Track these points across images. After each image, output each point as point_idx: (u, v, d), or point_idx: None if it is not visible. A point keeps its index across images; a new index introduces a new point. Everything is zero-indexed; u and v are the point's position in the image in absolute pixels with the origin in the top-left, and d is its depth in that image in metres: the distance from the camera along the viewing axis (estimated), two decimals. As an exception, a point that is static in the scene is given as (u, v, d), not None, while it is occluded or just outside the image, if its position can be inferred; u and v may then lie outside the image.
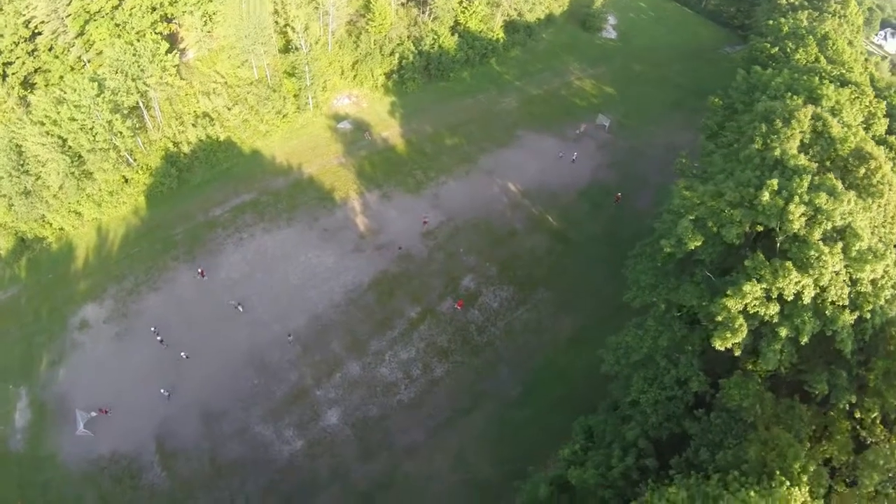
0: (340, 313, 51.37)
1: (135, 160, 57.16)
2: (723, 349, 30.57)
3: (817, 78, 49.48)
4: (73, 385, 48.02)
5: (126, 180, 57.04)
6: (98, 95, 50.89)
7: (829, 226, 29.63)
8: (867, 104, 47.33)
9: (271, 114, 61.32)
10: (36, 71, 58.03)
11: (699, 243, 33.26)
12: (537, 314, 49.75)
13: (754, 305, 29.32)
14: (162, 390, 45.98)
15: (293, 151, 62.34)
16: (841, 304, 29.94)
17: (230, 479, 43.34)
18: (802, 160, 34.23)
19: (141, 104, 55.66)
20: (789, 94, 45.50)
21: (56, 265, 55.37)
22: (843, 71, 54.82)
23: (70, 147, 52.50)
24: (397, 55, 65.33)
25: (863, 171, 34.53)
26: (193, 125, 58.77)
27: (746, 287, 29.10)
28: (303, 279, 53.22)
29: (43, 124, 50.12)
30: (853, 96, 47.08)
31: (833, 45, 63.80)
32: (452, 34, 67.85)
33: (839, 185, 31.78)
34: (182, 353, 47.94)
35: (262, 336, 49.84)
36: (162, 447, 44.79)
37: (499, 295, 51.88)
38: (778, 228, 31.11)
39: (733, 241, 32.49)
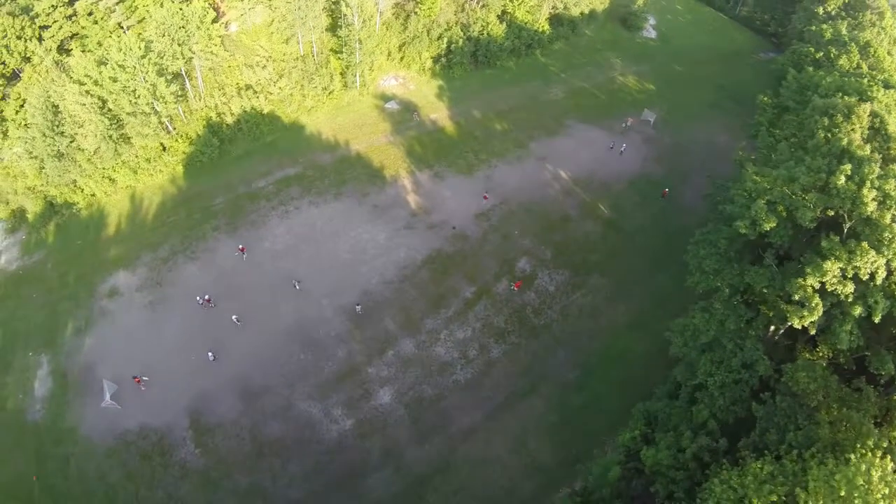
0: (393, 290, 48.33)
1: (174, 129, 54.36)
2: (777, 338, 32.40)
3: (866, 80, 50.53)
4: (99, 354, 44.31)
5: (164, 148, 54.24)
6: (144, 56, 48.35)
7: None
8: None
9: (317, 90, 59.37)
10: (72, 37, 55.57)
11: (773, 225, 33.72)
12: (593, 299, 47.82)
13: (832, 283, 30.05)
14: (209, 353, 42.56)
15: (339, 128, 60.11)
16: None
17: (272, 460, 39.65)
18: (867, 150, 35.39)
19: (183, 72, 53.13)
20: (840, 93, 45.90)
21: (85, 231, 51.99)
22: (886, 76, 55.04)
23: (110, 109, 49.71)
24: (445, 40, 63.93)
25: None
26: (237, 96, 56.05)
27: (827, 265, 29.81)
28: (353, 254, 50.42)
29: (83, 84, 47.23)
30: (899, 99, 47.23)
31: (874, 52, 65.24)
32: (500, 22, 66.52)
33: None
34: (234, 317, 45.03)
35: (309, 310, 46.64)
36: (196, 423, 40.85)
37: (555, 278, 49.69)
38: (847, 213, 32.38)
39: (807, 224, 33.15)
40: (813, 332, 31.21)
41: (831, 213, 33.18)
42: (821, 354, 33.29)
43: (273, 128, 58.48)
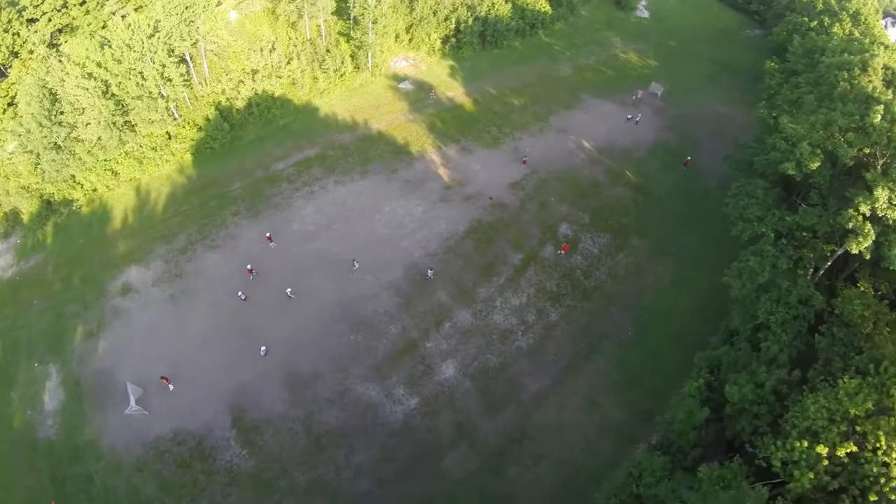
0: (439, 262, 44.31)
1: (180, 115, 49.31)
2: (818, 279, 35.10)
3: (867, 41, 53.71)
4: (117, 357, 38.49)
5: (170, 136, 48.80)
6: (152, 36, 43.58)
7: None
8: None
9: (329, 72, 55.55)
10: (61, 30, 50.30)
11: (818, 164, 35.38)
12: (636, 259, 46.40)
13: (882, 209, 31.57)
14: (262, 348, 37.71)
15: (355, 109, 56.29)
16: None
17: (332, 451, 34.58)
18: (890, 95, 37.26)
19: (188, 57, 48.44)
20: (846, 54, 47.15)
21: (88, 229, 46.07)
22: (881, 40, 56.37)
23: (113, 94, 44.46)
24: (453, 20, 61.18)
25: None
26: (245, 81, 51.72)
27: (878, 192, 31.39)
28: (391, 229, 46.43)
29: (84, 66, 42.05)
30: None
31: (865, 20, 67.47)
32: (506, 2, 64.42)
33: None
34: (288, 290, 40.76)
35: (353, 289, 41.95)
36: (240, 420, 35.24)
37: (597, 241, 47.61)
38: (881, 150, 34.29)
39: (847, 162, 34.98)
40: (868, 256, 32.35)
41: (867, 150, 34.94)
42: (863, 290, 34.13)
43: (285, 111, 54.20)
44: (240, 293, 40.25)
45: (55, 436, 35.53)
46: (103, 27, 47.78)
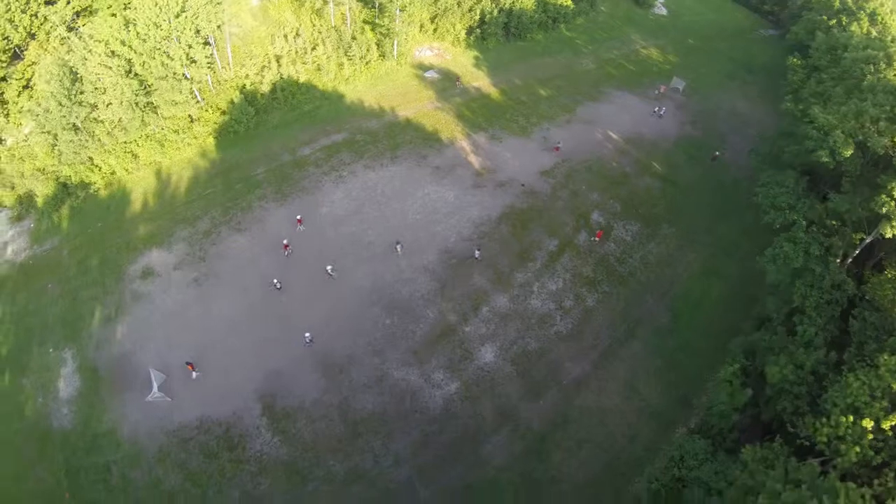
0: (475, 247, 41.13)
1: (203, 99, 47.12)
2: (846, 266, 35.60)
3: (889, 38, 53.93)
4: (137, 342, 35.71)
5: (192, 119, 46.53)
6: (179, 15, 41.61)
7: None
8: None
9: (355, 59, 53.53)
10: (79, 14, 48.31)
11: (851, 151, 35.93)
12: (667, 248, 45.02)
13: None
14: (306, 335, 35.06)
15: (382, 96, 54.40)
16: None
17: (370, 438, 31.96)
18: None
19: (212, 40, 46.44)
20: (868, 49, 47.27)
21: (105, 213, 43.57)
22: None
23: (136, 74, 42.31)
24: (477, 11, 59.71)
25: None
26: (269, 66, 49.83)
27: None
28: (424, 214, 44.29)
29: (108, 44, 39.98)
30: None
31: (882, 19, 67.06)
32: (528, -5, 63.37)
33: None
34: (328, 268, 38.67)
35: (387, 273, 39.45)
36: (271, 407, 32.47)
37: (629, 229, 46.10)
38: None
39: (879, 151, 35.42)
40: None
41: None
42: (890, 276, 34.39)
43: (310, 97, 52.25)
44: (275, 281, 37.61)
45: (70, 424, 32.62)
46: (125, 8, 45.79)
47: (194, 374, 34.13)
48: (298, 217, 41.76)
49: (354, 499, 29.60)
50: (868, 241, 36.42)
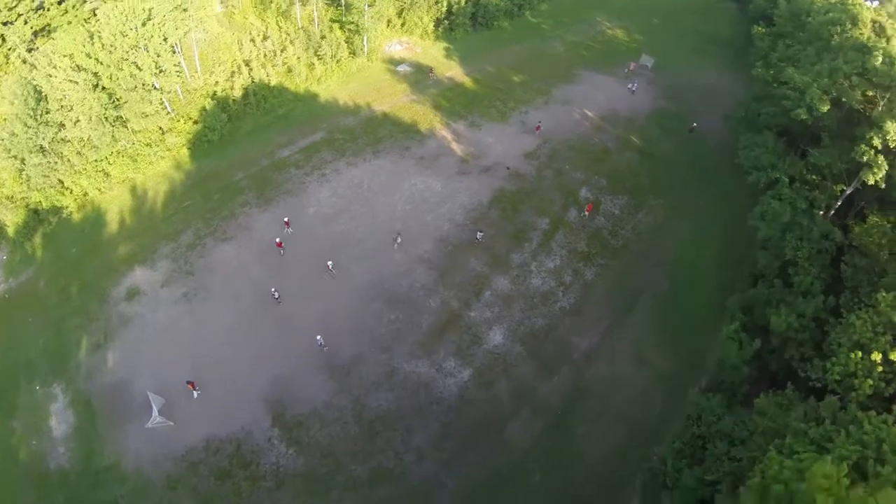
0: (468, 232, 41.10)
1: (173, 109, 44.77)
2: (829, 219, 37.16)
3: (850, 1, 54.91)
4: (131, 367, 33.43)
5: (163, 131, 44.10)
6: (146, 23, 39.32)
7: None
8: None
9: (326, 58, 51.90)
10: (36, 33, 45.26)
11: (827, 107, 36.59)
12: (655, 218, 45.03)
13: (893, 140, 32.87)
14: (318, 338, 33.34)
15: (355, 93, 52.80)
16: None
17: (389, 436, 30.61)
18: (883, 43, 38.77)
19: (178, 49, 44.11)
20: (830, 13, 48.25)
21: (81, 237, 40.93)
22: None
23: (104, 88, 39.82)
24: (444, 3, 58.79)
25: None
26: (239, 72, 47.75)
27: (887, 125, 32.79)
28: (413, 204, 42.95)
29: (73, 57, 37.51)
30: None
31: None
32: (493, -17, 62.50)
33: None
34: (329, 263, 37.22)
35: (384, 267, 37.96)
36: (281, 418, 30.75)
37: (617, 203, 45.89)
38: (882, 91, 35.73)
39: (854, 105, 36.25)
40: (883, 185, 33.98)
41: (870, 93, 36.54)
42: (873, 222, 35.16)
43: (283, 100, 50.29)
44: (273, 291, 35.57)
45: (69, 463, 30.18)
46: (87, 21, 43.09)
47: (195, 393, 32.07)
48: (286, 220, 39.85)
49: (382, 501, 28.06)
50: (848, 192, 37.66)
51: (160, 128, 44.66)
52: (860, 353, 25.73)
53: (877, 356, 25.38)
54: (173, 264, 38.56)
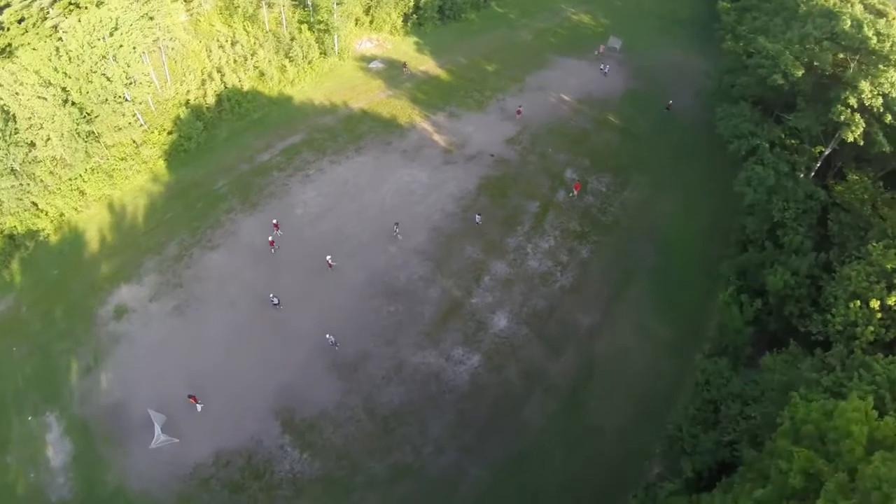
0: (460, 220, 40.50)
1: (146, 121, 42.97)
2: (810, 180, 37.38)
3: None
4: (127, 387, 31.99)
5: (137, 144, 42.28)
6: (114, 32, 37.52)
7: (889, 43, 34.87)
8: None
9: (297, 59, 50.49)
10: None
11: (801, 72, 36.60)
12: (641, 193, 45.25)
13: (868, 98, 33.29)
14: (329, 337, 32.31)
15: (330, 92, 51.64)
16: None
17: (405, 431, 29.94)
18: (848, 8, 39.63)
19: (146, 59, 42.29)
20: None
21: (60, 259, 38.92)
22: None
23: (73, 103, 37.95)
24: (411, -2, 57.86)
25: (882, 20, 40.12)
26: (211, 78, 46.13)
27: (862, 85, 33.36)
28: (401, 197, 42.23)
29: (39, 72, 35.59)
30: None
31: None
32: (457, -25, 61.89)
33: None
34: (328, 258, 36.45)
35: (378, 262, 37.03)
36: (290, 423, 29.76)
37: (602, 181, 45.93)
38: (852, 54, 36.30)
39: (827, 69, 36.64)
40: (861, 142, 34.23)
41: (840, 56, 36.95)
42: (853, 180, 36.14)
43: (257, 104, 48.79)
44: (272, 297, 34.29)
45: (71, 493, 28.67)
46: (49, 37, 40.84)
47: (199, 406, 30.69)
48: (274, 221, 38.61)
49: (405, 498, 27.27)
50: (826, 153, 38.28)
51: (134, 141, 42.77)
52: (858, 303, 26.25)
53: (875, 304, 25.89)
54: (161, 278, 36.95)
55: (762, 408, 24.73)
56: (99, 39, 36.68)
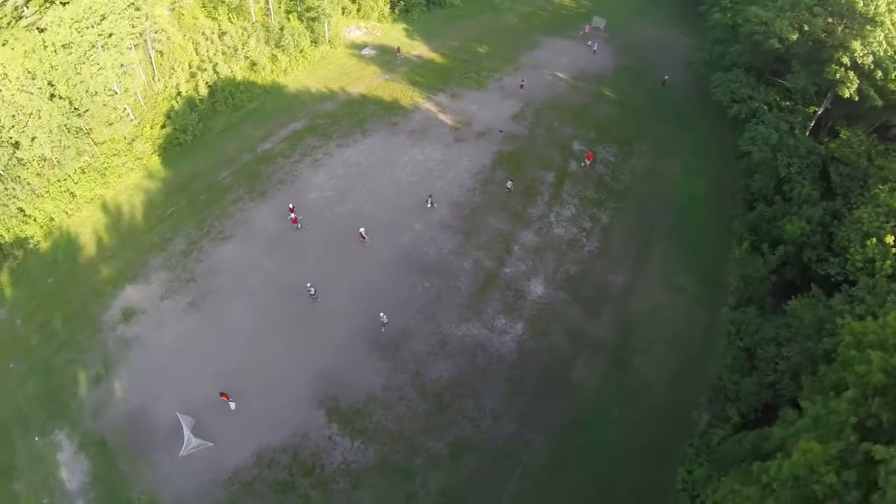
0: (480, 194, 38.54)
1: (136, 116, 39.42)
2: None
3: None
4: (144, 393, 28.64)
5: (129, 140, 38.69)
6: (103, 20, 34.10)
7: (874, 5, 35.29)
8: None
9: (289, 48, 47.67)
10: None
11: (795, 36, 37.52)
12: (647, 161, 44.76)
13: (860, 56, 34.14)
14: (381, 315, 29.51)
15: (326, 80, 49.06)
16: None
17: (459, 405, 27.63)
18: None
19: (133, 52, 38.81)
20: None
21: (54, 266, 34.95)
22: None
23: (62, 97, 34.26)
24: (397, -15, 55.90)
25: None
26: (201, 70, 42.93)
27: (853, 44, 34.16)
28: (419, 175, 40.00)
29: (24, 63, 31.93)
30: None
31: None
32: (441, -37, 60.30)
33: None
34: (361, 230, 34.35)
35: (405, 239, 34.30)
36: (336, 411, 26.97)
37: (610, 151, 45.08)
38: (840, 18, 36.85)
39: (818, 34, 37.50)
40: (856, 98, 34.88)
41: (829, 20, 37.77)
42: (848, 134, 36.72)
43: (251, 95, 45.70)
44: (308, 286, 31.21)
45: (94, 516, 24.74)
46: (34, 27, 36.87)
47: (231, 404, 27.34)
48: (290, 206, 35.62)
49: (470, 473, 24.72)
50: (819, 112, 39.00)
51: (125, 137, 39.02)
52: (874, 240, 26.95)
53: (889, 239, 26.77)
54: (170, 274, 33.40)
55: (799, 345, 24.93)
56: (87, 28, 33.14)
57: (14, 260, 34.76)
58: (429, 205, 36.65)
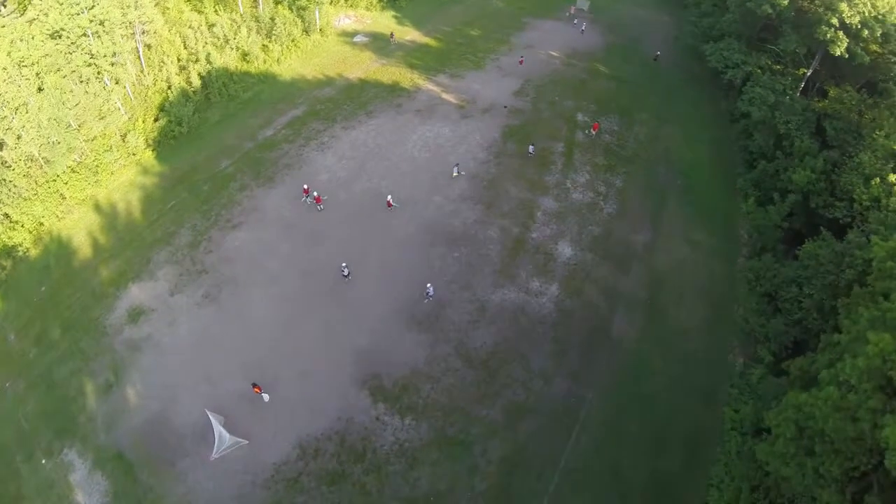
0: (495, 166, 37.15)
1: (126, 110, 36.44)
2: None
3: None
4: (162, 397, 25.65)
5: (121, 135, 35.68)
6: (94, 6, 31.27)
7: None
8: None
9: (281, 37, 45.27)
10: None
11: (787, 2, 38.49)
12: (649, 129, 44.52)
13: (848, 17, 35.29)
14: (428, 285, 27.99)
15: (322, 67, 46.82)
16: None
17: (508, 369, 25.83)
18: None
19: (121, 40, 35.92)
20: None
21: (47, 273, 31.43)
22: None
23: (52, 89, 31.11)
24: (382, -26, 54.15)
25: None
26: (193, 61, 40.32)
27: (841, 6, 35.14)
28: (431, 151, 38.10)
29: (10, 53, 28.91)
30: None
31: None
32: (422, -49, 58.72)
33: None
34: (389, 197, 32.55)
35: (427, 212, 32.05)
36: (380, 390, 24.61)
37: (612, 120, 44.60)
38: None
39: (803, 4, 38.27)
40: (846, 55, 35.84)
41: None
42: (837, 92, 37.45)
43: (245, 85, 43.02)
44: (343, 266, 28.68)
45: (119, 538, 21.46)
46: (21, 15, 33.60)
47: (265, 396, 24.43)
48: (305, 186, 33.10)
49: (530, 436, 22.57)
50: (808, 74, 40.41)
51: (117, 131, 35.89)
52: (878, 180, 27.81)
53: (892, 178, 27.58)
54: (178, 268, 30.32)
55: (820, 281, 25.49)
56: (78, 14, 30.24)
57: (2, 270, 31.15)
58: (455, 173, 35.10)
